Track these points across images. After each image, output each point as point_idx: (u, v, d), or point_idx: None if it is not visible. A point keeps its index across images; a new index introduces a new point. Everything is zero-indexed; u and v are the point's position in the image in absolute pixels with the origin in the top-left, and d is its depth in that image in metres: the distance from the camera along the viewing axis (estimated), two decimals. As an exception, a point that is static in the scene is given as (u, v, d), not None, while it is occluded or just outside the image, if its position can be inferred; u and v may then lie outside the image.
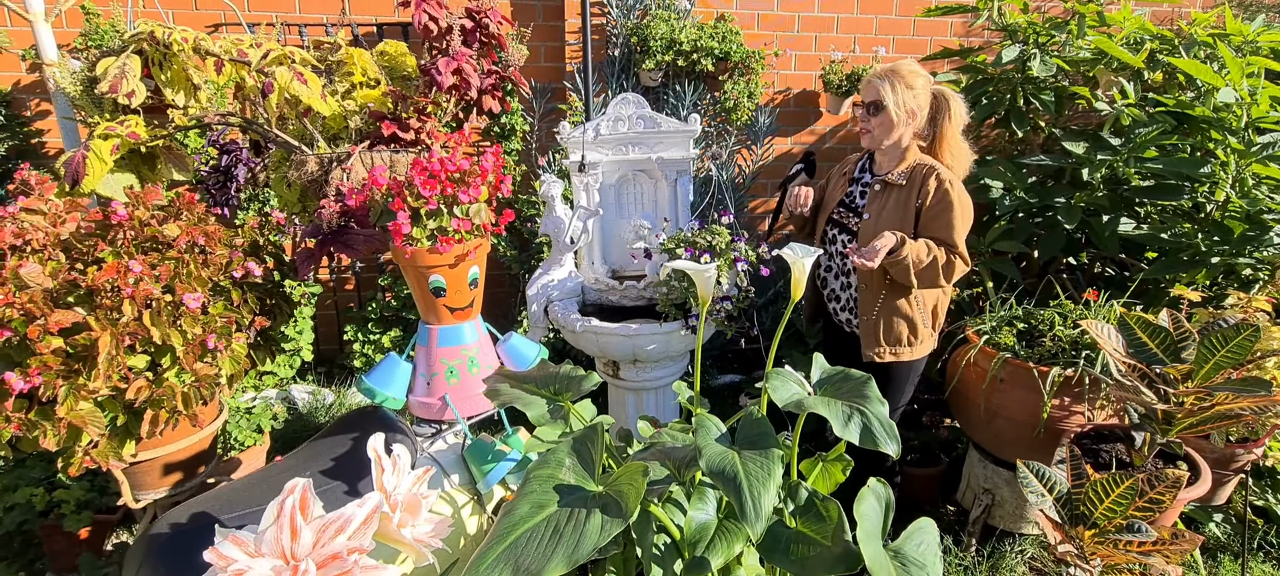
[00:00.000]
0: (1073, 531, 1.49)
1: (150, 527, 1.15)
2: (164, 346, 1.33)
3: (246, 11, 3.09)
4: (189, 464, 1.60)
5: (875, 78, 1.85)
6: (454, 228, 1.41)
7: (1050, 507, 1.53)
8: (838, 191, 2.01)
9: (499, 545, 0.85)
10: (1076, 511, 1.51)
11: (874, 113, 1.84)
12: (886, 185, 1.87)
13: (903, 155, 1.87)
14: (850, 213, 1.95)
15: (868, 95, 1.85)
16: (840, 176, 2.05)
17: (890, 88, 1.81)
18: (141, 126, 1.71)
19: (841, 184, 2.02)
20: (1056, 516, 1.52)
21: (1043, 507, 1.53)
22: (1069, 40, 2.60)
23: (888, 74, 1.82)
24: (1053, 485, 1.56)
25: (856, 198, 1.97)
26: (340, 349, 3.37)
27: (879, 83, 1.83)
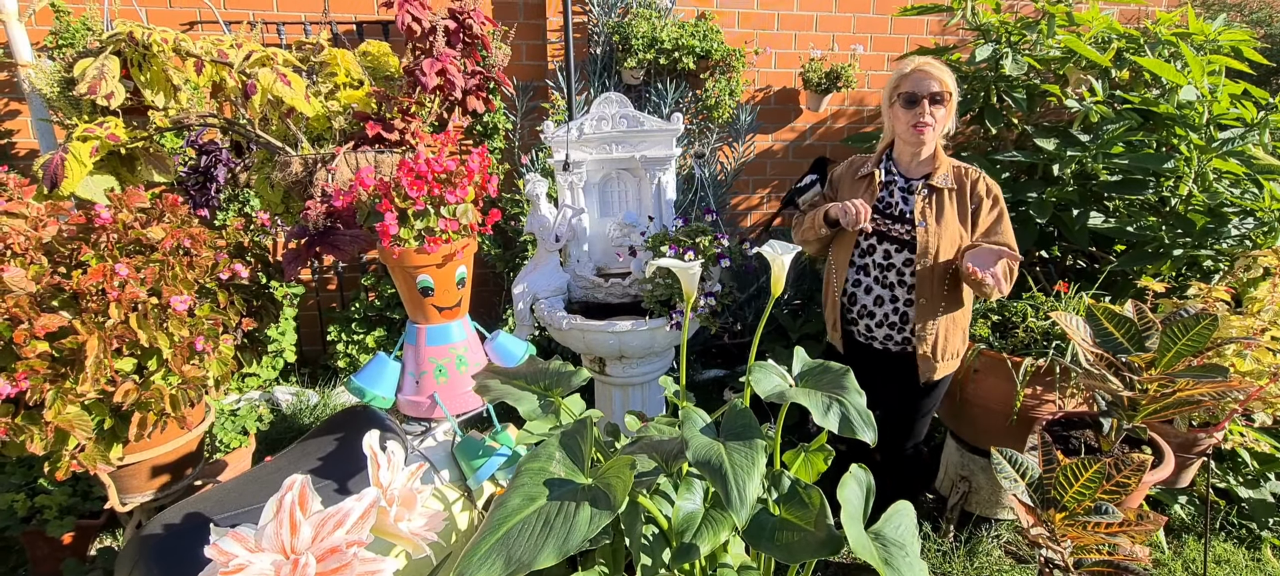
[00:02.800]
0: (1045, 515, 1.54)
1: (143, 529, 1.16)
2: (151, 349, 1.33)
3: (223, 10, 3.06)
4: (176, 466, 1.59)
5: (928, 66, 1.68)
6: (441, 228, 1.43)
7: (1023, 492, 1.59)
8: (865, 196, 1.80)
9: (491, 536, 0.88)
10: (1048, 496, 1.57)
11: (937, 103, 1.67)
12: (934, 190, 1.73)
13: (934, 156, 1.76)
14: (893, 221, 1.76)
15: (924, 86, 1.67)
16: (853, 181, 1.86)
17: (948, 73, 1.67)
18: (121, 128, 1.70)
19: (863, 189, 1.82)
20: (1029, 501, 1.58)
21: (1016, 492, 1.59)
22: (1040, 39, 2.67)
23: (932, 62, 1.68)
24: (1025, 471, 1.62)
25: (897, 204, 1.77)
26: (324, 349, 3.36)
27: (937, 71, 1.67)
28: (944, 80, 1.67)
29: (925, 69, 1.69)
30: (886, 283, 1.79)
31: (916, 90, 1.68)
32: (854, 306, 1.85)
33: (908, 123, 1.71)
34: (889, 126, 1.82)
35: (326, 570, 0.81)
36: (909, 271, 1.75)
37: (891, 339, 1.81)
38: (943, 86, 1.67)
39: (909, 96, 1.70)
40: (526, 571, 0.82)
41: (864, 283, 1.82)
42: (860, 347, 1.88)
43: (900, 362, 1.82)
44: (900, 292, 1.77)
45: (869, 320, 1.83)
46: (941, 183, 1.73)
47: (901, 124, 1.73)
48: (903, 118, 1.72)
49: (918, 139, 1.71)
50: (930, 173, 1.76)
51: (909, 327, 1.78)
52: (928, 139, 1.71)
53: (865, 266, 1.81)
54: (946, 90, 1.68)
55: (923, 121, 1.69)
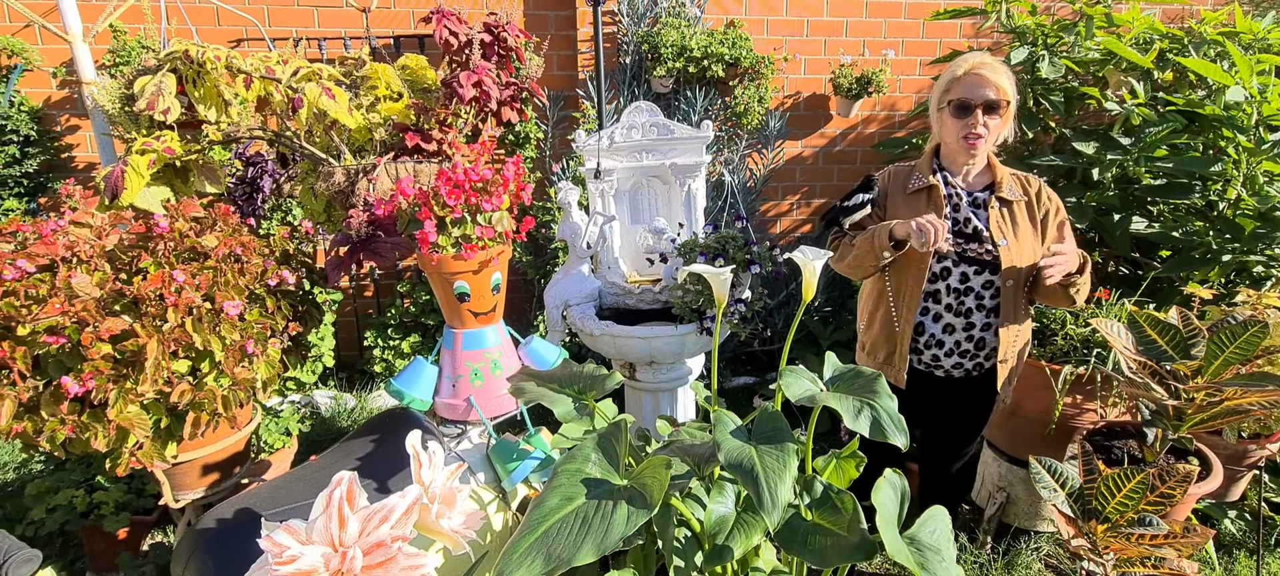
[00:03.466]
0: (1086, 526, 1.51)
1: (198, 523, 1.21)
2: (204, 352, 1.39)
3: (267, 27, 3.18)
4: (225, 464, 1.66)
5: (983, 69, 1.52)
6: (478, 235, 1.47)
7: (1063, 503, 1.56)
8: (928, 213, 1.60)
9: (531, 534, 0.90)
10: (1089, 507, 1.54)
11: (992, 112, 1.53)
12: (1005, 202, 1.61)
13: (990, 166, 1.64)
14: (967, 239, 1.61)
15: (979, 92, 1.51)
16: (905, 195, 1.67)
17: (1006, 76, 1.51)
18: (176, 141, 1.79)
19: (924, 202, 1.64)
20: (1069, 511, 1.55)
21: (1056, 503, 1.56)
22: (1078, 41, 2.62)
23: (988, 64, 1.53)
24: (1065, 481, 1.59)
25: (964, 219, 1.61)
26: (360, 355, 3.45)
27: (994, 75, 1.51)
28: (1002, 85, 1.52)
29: (981, 72, 1.52)
30: (961, 309, 1.62)
31: (969, 97, 1.52)
32: (921, 337, 1.67)
33: (957, 133, 1.56)
34: (937, 131, 1.68)
35: (372, 563, 0.84)
36: (990, 294, 1.62)
37: (960, 366, 1.67)
38: (1000, 93, 1.51)
39: (961, 104, 1.53)
40: (565, 568, 0.84)
41: (933, 311, 1.64)
42: (918, 375, 1.72)
43: (967, 387, 1.69)
44: (977, 317, 1.62)
45: (937, 349, 1.66)
46: (1010, 194, 1.61)
47: (950, 133, 1.59)
48: (952, 127, 1.57)
49: (968, 151, 1.57)
50: (993, 183, 1.63)
51: (984, 353, 1.66)
52: (979, 151, 1.57)
53: (934, 293, 1.63)
54: (1004, 97, 1.52)
55: (974, 133, 1.53)
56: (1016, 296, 1.62)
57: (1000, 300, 1.61)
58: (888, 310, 1.70)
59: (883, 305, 1.71)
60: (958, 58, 1.61)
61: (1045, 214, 1.63)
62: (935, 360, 1.69)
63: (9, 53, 2.93)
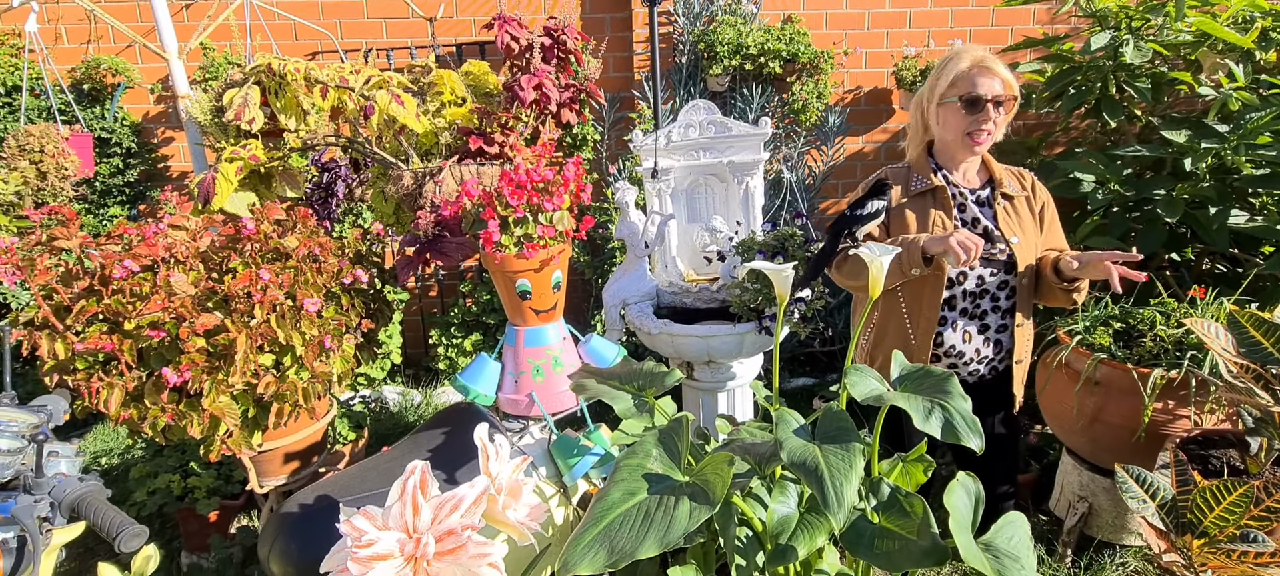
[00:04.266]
0: (1180, 541, 1.41)
1: (281, 508, 1.29)
2: (287, 346, 1.48)
3: (340, 39, 3.35)
4: (304, 454, 1.76)
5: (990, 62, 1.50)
6: (539, 234, 1.50)
7: (1153, 515, 1.46)
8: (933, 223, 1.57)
9: (594, 527, 0.91)
10: (1183, 520, 1.43)
11: (1000, 107, 1.51)
12: (1008, 198, 1.58)
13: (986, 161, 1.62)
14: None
15: (989, 87, 1.49)
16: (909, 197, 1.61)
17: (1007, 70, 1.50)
18: (261, 149, 1.90)
19: (933, 204, 1.58)
20: (1161, 524, 1.45)
21: (1145, 514, 1.46)
22: (1166, 23, 2.45)
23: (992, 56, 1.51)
24: (1156, 491, 1.48)
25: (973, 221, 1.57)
26: (426, 352, 3.57)
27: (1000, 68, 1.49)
28: (1008, 80, 1.49)
29: (988, 65, 1.48)
30: (977, 312, 1.58)
31: (980, 92, 1.48)
32: (940, 347, 1.60)
33: (963, 129, 1.51)
34: (931, 127, 1.60)
35: (443, 549, 0.87)
36: (1005, 294, 1.59)
37: (976, 373, 1.63)
38: (1007, 87, 1.48)
39: (972, 99, 1.49)
40: (628, 561, 0.85)
41: (949, 319, 1.59)
42: None
43: (983, 394, 1.62)
44: (992, 320, 1.59)
45: (956, 360, 1.61)
46: (1012, 190, 1.58)
47: (953, 129, 1.54)
48: (958, 122, 1.52)
49: (971, 148, 1.53)
50: (992, 180, 1.59)
51: (999, 355, 1.62)
52: (984, 148, 1.54)
53: (949, 300, 1.58)
54: (1010, 92, 1.49)
55: (984, 129, 1.49)
56: (1028, 295, 1.60)
57: (1015, 300, 1.58)
58: (901, 324, 1.62)
59: (895, 317, 1.63)
60: (955, 50, 1.55)
61: (1042, 206, 1.61)
62: (954, 368, 1.62)
63: (113, 71, 3.20)
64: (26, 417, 1.00)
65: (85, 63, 3.16)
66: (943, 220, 1.56)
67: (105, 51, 3.27)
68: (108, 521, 0.93)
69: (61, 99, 3.09)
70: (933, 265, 1.49)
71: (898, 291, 1.63)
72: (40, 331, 1.39)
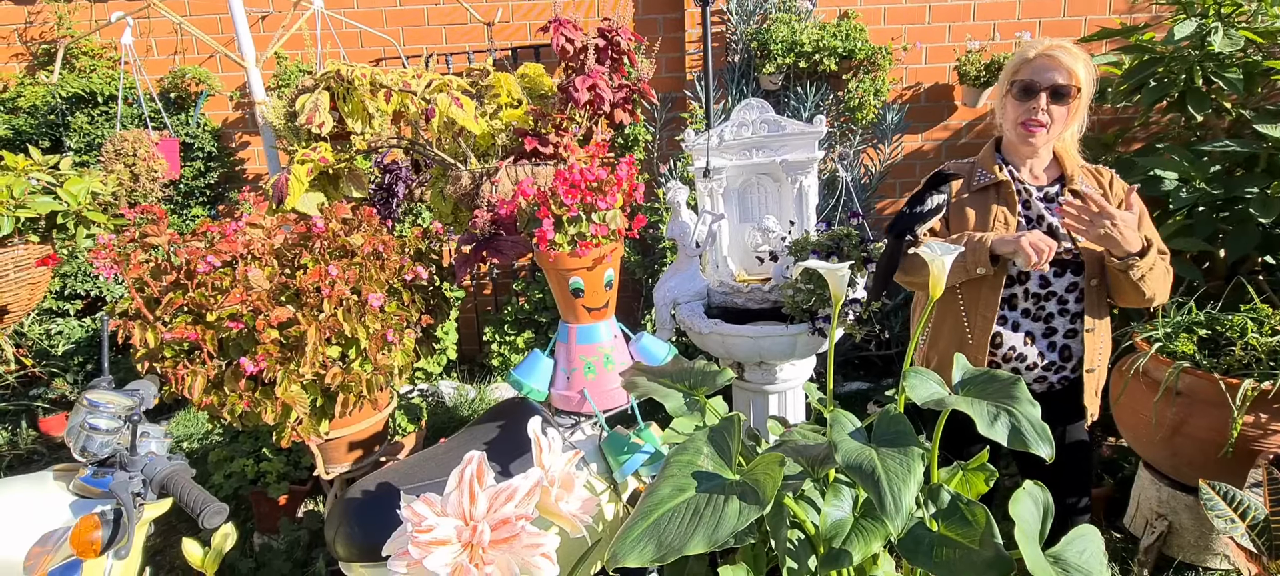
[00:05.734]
0: (1272, 564, 1.31)
1: (345, 494, 1.35)
2: (352, 339, 1.55)
3: (403, 45, 3.47)
4: (367, 443, 1.83)
5: (1057, 51, 1.42)
6: (592, 232, 1.52)
7: (1243, 535, 1.36)
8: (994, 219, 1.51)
9: (643, 521, 0.92)
10: (1276, 542, 1.33)
11: (1059, 99, 1.42)
12: (1079, 195, 1.47)
13: (1057, 156, 1.53)
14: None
15: (1046, 75, 1.41)
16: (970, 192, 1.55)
17: (1083, 64, 1.42)
18: (329, 152, 2.00)
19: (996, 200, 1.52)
20: (1251, 546, 1.35)
21: (1233, 535, 1.36)
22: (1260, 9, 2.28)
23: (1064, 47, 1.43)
24: (1246, 510, 1.38)
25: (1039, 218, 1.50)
26: (479, 349, 3.67)
27: (1068, 59, 1.42)
28: (1074, 71, 1.40)
29: (1054, 54, 1.41)
30: (1042, 314, 1.50)
31: (1036, 79, 1.41)
32: (999, 350, 1.52)
33: (1017, 118, 1.46)
34: (999, 119, 1.54)
35: (499, 537, 0.89)
36: (1074, 297, 1.48)
37: (1043, 380, 1.53)
38: (1071, 77, 1.40)
39: (1026, 86, 1.43)
40: (676, 556, 0.85)
41: (1011, 319, 1.51)
42: None
43: (1053, 405, 1.53)
44: (1060, 323, 1.49)
45: (1018, 363, 1.52)
46: (1083, 187, 1.48)
47: (1010, 119, 1.47)
48: (1013, 111, 1.46)
49: (1026, 139, 1.45)
50: (1064, 176, 1.50)
51: (1069, 364, 1.51)
52: (1038, 142, 1.46)
53: (1010, 299, 1.51)
54: (1075, 83, 1.40)
55: (1035, 120, 1.43)
56: (1100, 297, 1.48)
57: (1084, 304, 1.47)
58: (958, 321, 1.55)
59: (951, 316, 1.56)
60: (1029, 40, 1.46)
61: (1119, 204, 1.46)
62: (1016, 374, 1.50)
63: (196, 80, 3.41)
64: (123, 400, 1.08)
65: (172, 73, 3.39)
66: (1005, 216, 1.49)
67: (190, 62, 3.50)
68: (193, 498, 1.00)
69: (151, 106, 3.32)
70: (999, 264, 1.44)
71: (956, 289, 1.56)
72: (133, 321, 1.50)
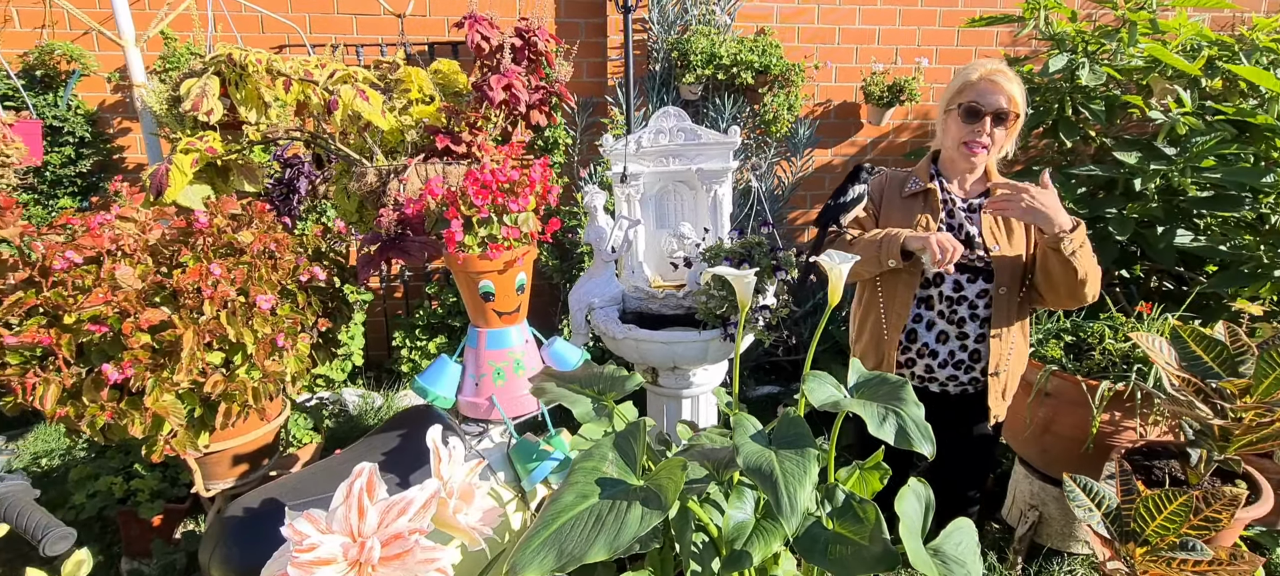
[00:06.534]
0: (1123, 549, 1.45)
1: (224, 511, 1.24)
2: (237, 344, 1.43)
3: (308, 34, 3.28)
4: (254, 456, 1.70)
5: (998, 76, 1.48)
6: (503, 235, 1.48)
7: (1099, 523, 1.50)
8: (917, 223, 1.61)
9: (544, 531, 0.90)
10: (1127, 528, 1.47)
11: (1000, 122, 1.49)
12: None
13: (988, 174, 1.61)
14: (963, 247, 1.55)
15: (991, 100, 1.48)
16: (901, 198, 1.65)
17: (1018, 87, 1.48)
18: (218, 142, 1.85)
19: (921, 207, 1.61)
20: (1106, 532, 1.49)
21: (1091, 523, 1.50)
22: (1120, 48, 2.54)
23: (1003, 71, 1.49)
24: (1102, 500, 1.53)
25: (959, 226, 1.59)
26: (388, 354, 3.51)
27: (1008, 83, 1.48)
28: (1014, 96, 1.49)
29: (995, 79, 1.49)
30: (954, 317, 1.58)
31: (980, 104, 1.49)
32: (913, 346, 1.62)
33: (960, 138, 1.53)
34: (940, 135, 1.64)
35: (390, 554, 0.85)
36: (984, 303, 1.58)
37: (955, 379, 1.63)
38: (1011, 103, 1.48)
39: (971, 109, 1.50)
40: (577, 565, 0.84)
41: (926, 318, 1.60)
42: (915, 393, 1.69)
43: (963, 405, 1.65)
44: (971, 327, 1.58)
45: (931, 360, 1.62)
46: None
47: (953, 137, 1.56)
48: (957, 131, 1.54)
49: (968, 158, 1.54)
50: (990, 190, 1.60)
51: (980, 366, 1.61)
52: (979, 162, 1.54)
53: (927, 299, 1.60)
54: (1015, 109, 1.49)
55: (979, 142, 1.50)
56: (1010, 306, 1.58)
57: (992, 310, 1.57)
58: (877, 317, 1.66)
59: (873, 312, 1.67)
60: (972, 62, 1.58)
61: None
62: (929, 372, 1.64)
63: (67, 58, 3.08)
64: (-53, 413, 0.94)
65: (38, 48, 3.04)
66: (928, 221, 1.58)
67: (60, 37, 3.15)
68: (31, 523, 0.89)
69: (8, 84, 2.96)
70: (911, 260, 1.53)
71: (877, 286, 1.66)
72: (-29, 324, 1.32)
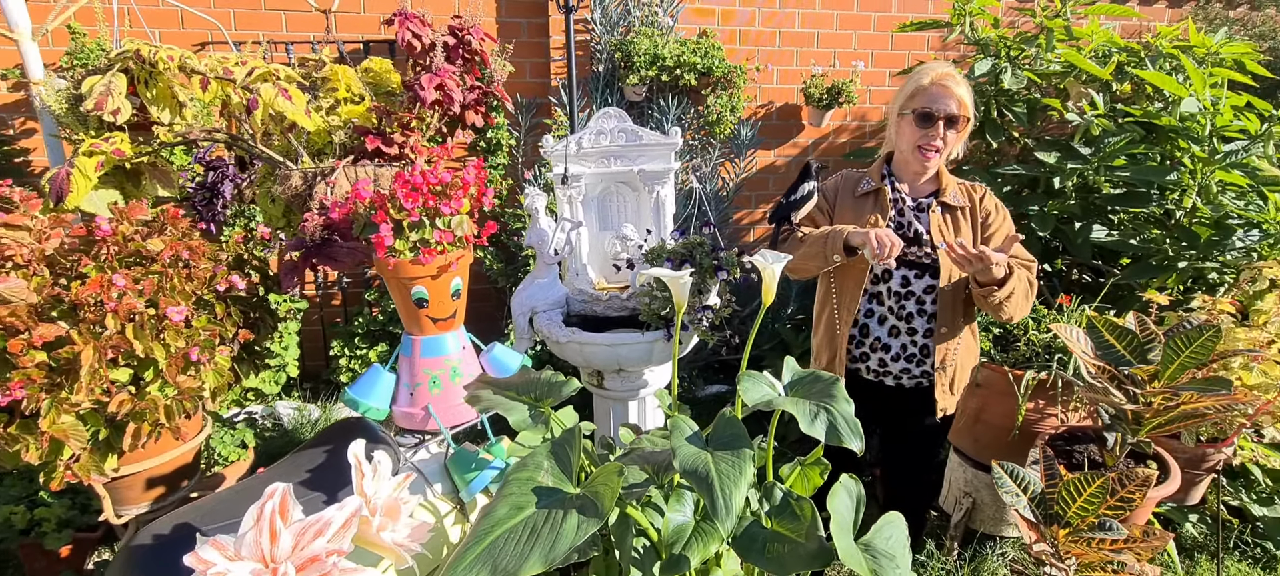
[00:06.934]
0: (1048, 531, 1.52)
1: (132, 538, 1.16)
2: (147, 360, 1.34)
3: (232, 31, 3.12)
4: (171, 478, 1.59)
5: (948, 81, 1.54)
6: (436, 239, 1.43)
7: (1025, 508, 1.56)
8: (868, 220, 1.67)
9: (477, 546, 0.87)
10: (1051, 511, 1.54)
11: (952, 125, 1.55)
12: (948, 208, 1.63)
13: (939, 174, 1.65)
14: (909, 243, 1.65)
15: (942, 104, 1.54)
16: (853, 196, 1.71)
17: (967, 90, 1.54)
18: (127, 143, 1.73)
19: (871, 206, 1.68)
20: (1031, 516, 1.55)
21: (1018, 508, 1.56)
22: (1039, 54, 2.67)
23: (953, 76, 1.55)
24: (1028, 486, 1.59)
25: (909, 224, 1.65)
26: (326, 364, 3.37)
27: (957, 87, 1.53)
28: (964, 100, 1.56)
29: (946, 83, 1.54)
30: (903, 312, 1.64)
31: (933, 109, 1.55)
32: (866, 340, 1.68)
33: (914, 142, 1.59)
34: (892, 137, 1.69)
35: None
36: (930, 298, 1.64)
37: (907, 372, 1.69)
38: (961, 107, 1.54)
39: (924, 114, 1.56)
40: (512, 580, 0.82)
41: (877, 313, 1.66)
42: (868, 386, 1.73)
43: (914, 398, 1.70)
44: (919, 322, 1.65)
45: (883, 354, 1.68)
46: (954, 200, 1.63)
47: (906, 140, 1.62)
48: (910, 134, 1.60)
49: (921, 160, 1.60)
50: (939, 190, 1.65)
51: (929, 360, 1.66)
52: (932, 165, 1.60)
53: (878, 295, 1.66)
54: (965, 112, 1.56)
55: (931, 146, 1.56)
56: (955, 302, 1.63)
57: (938, 307, 1.63)
58: (831, 312, 1.73)
59: (828, 307, 1.74)
60: (922, 66, 1.63)
61: (986, 221, 1.63)
62: (883, 366, 1.69)
63: (-43, 53, 2.83)
64: None
65: (-79, 41, 2.78)
66: (877, 220, 1.64)
67: (-53, 29, 2.89)
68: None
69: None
70: (855, 256, 1.57)
71: (832, 281, 1.71)
72: None
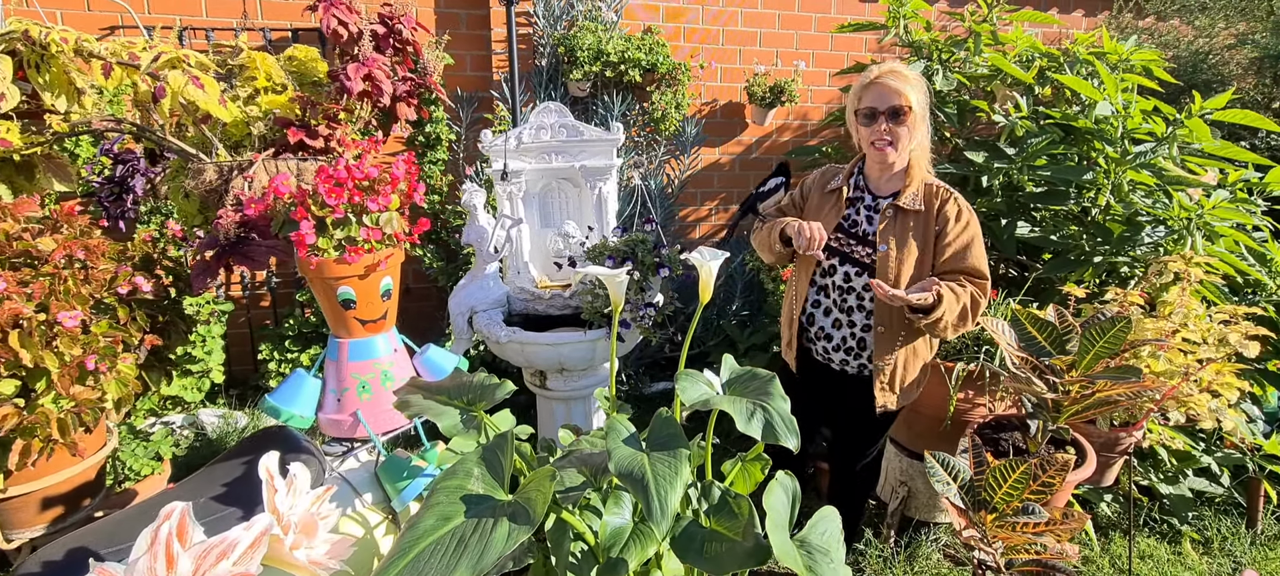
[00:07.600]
0: (976, 517, 1.57)
1: (20, 566, 1.05)
2: (37, 370, 1.22)
3: (145, 15, 2.91)
4: (71, 497, 1.47)
5: (890, 78, 1.57)
6: (363, 237, 1.37)
7: (955, 495, 1.61)
8: (830, 214, 1.72)
9: (401, 560, 0.83)
10: (979, 498, 1.60)
11: (898, 120, 1.58)
12: (901, 210, 1.64)
13: (908, 172, 1.66)
14: (855, 241, 1.68)
15: (883, 99, 1.58)
16: (821, 192, 1.77)
17: (912, 84, 1.57)
18: (15, 133, 1.58)
19: (831, 203, 1.73)
20: (961, 503, 1.60)
21: (949, 495, 1.61)
22: (968, 57, 2.78)
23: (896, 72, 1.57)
24: (957, 474, 1.64)
25: (860, 222, 1.69)
26: (255, 369, 3.19)
27: (899, 82, 1.56)
28: (904, 92, 1.57)
29: (886, 81, 1.57)
30: (845, 306, 1.69)
31: (876, 105, 1.59)
32: (811, 326, 1.76)
33: (868, 139, 1.64)
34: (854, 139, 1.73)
35: (211, 604, 0.74)
36: (869, 297, 1.67)
37: (847, 363, 1.74)
38: (903, 99, 1.57)
39: (868, 111, 1.61)
40: (435, 596, 0.78)
41: (823, 304, 1.73)
42: (818, 366, 1.79)
43: (857, 386, 1.75)
44: (858, 318, 1.69)
45: (826, 342, 1.74)
46: (909, 203, 1.64)
47: (863, 139, 1.66)
48: (863, 133, 1.64)
49: (880, 157, 1.64)
50: (900, 190, 1.66)
51: (866, 353, 1.71)
52: (891, 157, 1.62)
53: (825, 287, 1.73)
54: (906, 103, 1.57)
55: (882, 140, 1.60)
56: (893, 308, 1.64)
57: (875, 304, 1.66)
58: (790, 298, 1.84)
59: (789, 293, 1.86)
60: (873, 65, 1.66)
61: (943, 226, 1.62)
62: (826, 353, 1.77)
63: None
64: None
65: None
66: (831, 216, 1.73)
67: None
68: None
69: None
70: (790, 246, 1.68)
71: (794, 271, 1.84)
72: None
